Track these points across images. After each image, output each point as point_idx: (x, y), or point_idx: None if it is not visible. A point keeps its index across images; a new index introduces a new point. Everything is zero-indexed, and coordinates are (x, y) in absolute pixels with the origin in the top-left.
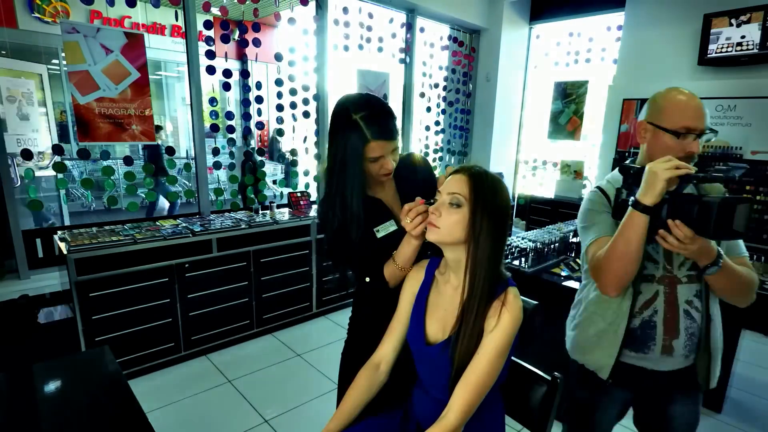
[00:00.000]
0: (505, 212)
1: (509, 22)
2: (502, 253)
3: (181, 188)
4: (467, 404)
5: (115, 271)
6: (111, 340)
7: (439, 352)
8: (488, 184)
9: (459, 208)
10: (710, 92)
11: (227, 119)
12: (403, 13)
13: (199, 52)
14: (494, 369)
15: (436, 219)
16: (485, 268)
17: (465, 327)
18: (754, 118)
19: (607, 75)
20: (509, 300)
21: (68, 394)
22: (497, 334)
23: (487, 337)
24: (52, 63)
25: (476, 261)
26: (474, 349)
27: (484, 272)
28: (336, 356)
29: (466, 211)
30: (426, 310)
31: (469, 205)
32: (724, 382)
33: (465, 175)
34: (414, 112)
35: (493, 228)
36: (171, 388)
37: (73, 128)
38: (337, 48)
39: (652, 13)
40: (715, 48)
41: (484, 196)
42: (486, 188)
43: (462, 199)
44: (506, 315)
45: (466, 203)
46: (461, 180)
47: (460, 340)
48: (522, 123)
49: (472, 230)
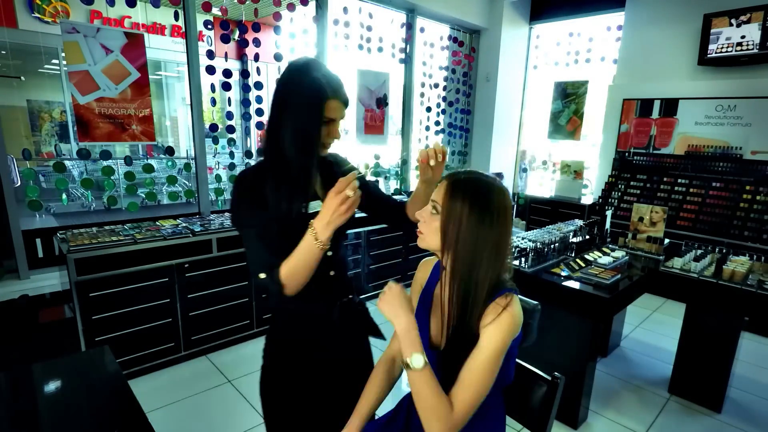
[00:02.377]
0: (495, 217)
1: (509, 22)
2: (495, 260)
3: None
4: (464, 403)
5: (115, 271)
6: (111, 340)
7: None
8: (462, 195)
9: (437, 215)
10: (710, 92)
11: (227, 119)
12: (403, 13)
13: (199, 52)
14: (487, 371)
15: (421, 225)
16: (466, 277)
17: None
18: (754, 118)
19: (607, 75)
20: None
21: (68, 394)
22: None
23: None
24: (52, 63)
25: (454, 270)
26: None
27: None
28: None
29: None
30: (431, 307)
31: (443, 214)
32: (724, 382)
33: (446, 182)
34: (414, 112)
35: (476, 235)
36: (171, 388)
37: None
38: (337, 48)
39: (652, 13)
40: (715, 48)
41: (456, 207)
42: (458, 198)
43: (439, 208)
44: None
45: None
46: (442, 186)
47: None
48: (522, 123)
49: (443, 237)
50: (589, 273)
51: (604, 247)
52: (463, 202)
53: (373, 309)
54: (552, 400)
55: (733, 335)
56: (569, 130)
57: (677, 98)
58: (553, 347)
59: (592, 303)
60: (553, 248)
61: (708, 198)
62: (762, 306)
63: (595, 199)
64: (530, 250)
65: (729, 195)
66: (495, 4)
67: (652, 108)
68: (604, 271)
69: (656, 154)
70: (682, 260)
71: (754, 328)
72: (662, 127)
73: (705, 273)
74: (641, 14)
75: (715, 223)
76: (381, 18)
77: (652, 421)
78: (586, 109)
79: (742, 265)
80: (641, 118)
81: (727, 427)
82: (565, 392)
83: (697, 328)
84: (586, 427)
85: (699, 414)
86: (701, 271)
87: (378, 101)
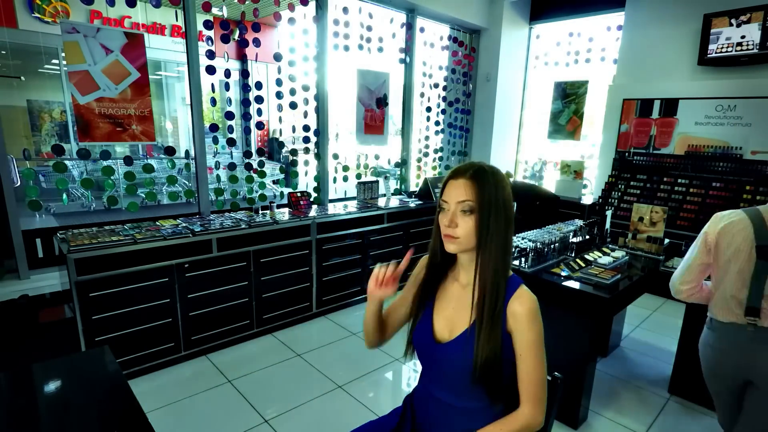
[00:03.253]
0: (510, 204)
1: (509, 22)
2: (511, 244)
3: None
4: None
5: (115, 271)
6: (111, 340)
7: (449, 350)
8: (491, 181)
9: (472, 214)
10: (710, 92)
11: (227, 119)
12: (403, 13)
13: (199, 52)
14: (540, 360)
15: (453, 230)
16: (496, 263)
17: (482, 324)
18: (754, 118)
19: (607, 75)
20: (523, 294)
21: (68, 394)
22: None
23: (518, 336)
24: (52, 63)
25: (486, 259)
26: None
27: (494, 267)
28: (336, 356)
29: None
30: (434, 306)
31: (478, 209)
32: None
33: (468, 179)
34: (414, 112)
35: (504, 222)
36: (171, 388)
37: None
38: (337, 48)
39: (652, 13)
40: (715, 48)
41: (490, 196)
42: (490, 186)
43: (473, 205)
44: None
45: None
46: (466, 185)
47: (477, 336)
48: (522, 123)
49: (485, 232)
50: (589, 273)
51: (604, 247)
52: (492, 191)
53: None
54: (552, 400)
55: None
56: (569, 130)
57: (677, 98)
58: (553, 347)
59: (592, 303)
60: (553, 248)
61: (708, 198)
62: None
63: (595, 199)
64: (530, 250)
65: (729, 195)
66: (495, 4)
67: (652, 108)
68: (604, 271)
69: (656, 154)
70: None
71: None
72: (662, 127)
73: None
74: (641, 14)
75: None
76: (381, 18)
77: (652, 421)
78: (586, 109)
79: None
80: (641, 118)
81: None
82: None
83: (697, 328)
84: (586, 427)
85: (699, 414)
86: None
87: (378, 101)
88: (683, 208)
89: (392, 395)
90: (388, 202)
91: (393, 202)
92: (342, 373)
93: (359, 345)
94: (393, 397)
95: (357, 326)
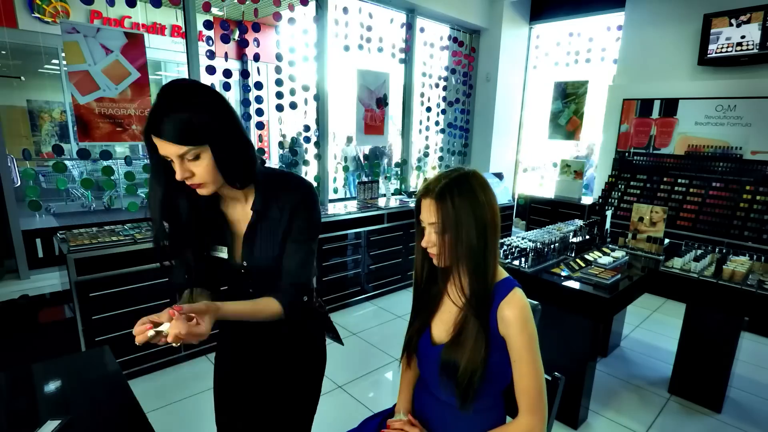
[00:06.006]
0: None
1: (509, 22)
2: (493, 254)
3: None
4: (530, 407)
5: (115, 271)
6: (111, 340)
7: (440, 353)
8: (456, 200)
9: (444, 233)
10: (710, 92)
11: None
12: (403, 13)
13: (199, 52)
14: (533, 367)
15: (432, 249)
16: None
17: (465, 330)
18: (754, 118)
19: (607, 75)
20: (513, 299)
21: (68, 394)
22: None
23: (510, 341)
24: (52, 63)
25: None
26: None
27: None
28: (336, 356)
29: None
30: (433, 309)
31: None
32: (724, 382)
33: (433, 200)
34: (414, 112)
35: (476, 234)
36: (171, 388)
37: (73, 128)
38: (337, 48)
39: (652, 13)
40: (715, 48)
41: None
42: (458, 204)
43: (442, 227)
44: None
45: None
46: (431, 206)
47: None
48: (522, 123)
49: (455, 250)
50: (589, 273)
51: (604, 247)
52: (461, 206)
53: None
54: (552, 400)
55: (733, 335)
56: (569, 130)
57: (677, 98)
58: (553, 347)
59: (592, 303)
60: (553, 248)
61: (708, 198)
62: (762, 306)
63: (595, 199)
64: (530, 250)
65: (729, 195)
66: (495, 4)
67: (652, 108)
68: (604, 271)
69: (656, 154)
70: (682, 260)
71: (754, 328)
72: (662, 127)
73: (705, 273)
74: (641, 14)
75: (715, 223)
76: (381, 18)
77: (652, 421)
78: (586, 109)
79: (742, 265)
80: (641, 118)
81: (727, 427)
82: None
83: (697, 328)
84: (586, 427)
85: (699, 414)
86: (701, 271)
87: (378, 101)
88: (683, 208)
89: (392, 395)
90: (388, 202)
91: (393, 202)
92: (342, 373)
93: (359, 345)
94: (393, 397)
95: (357, 326)
